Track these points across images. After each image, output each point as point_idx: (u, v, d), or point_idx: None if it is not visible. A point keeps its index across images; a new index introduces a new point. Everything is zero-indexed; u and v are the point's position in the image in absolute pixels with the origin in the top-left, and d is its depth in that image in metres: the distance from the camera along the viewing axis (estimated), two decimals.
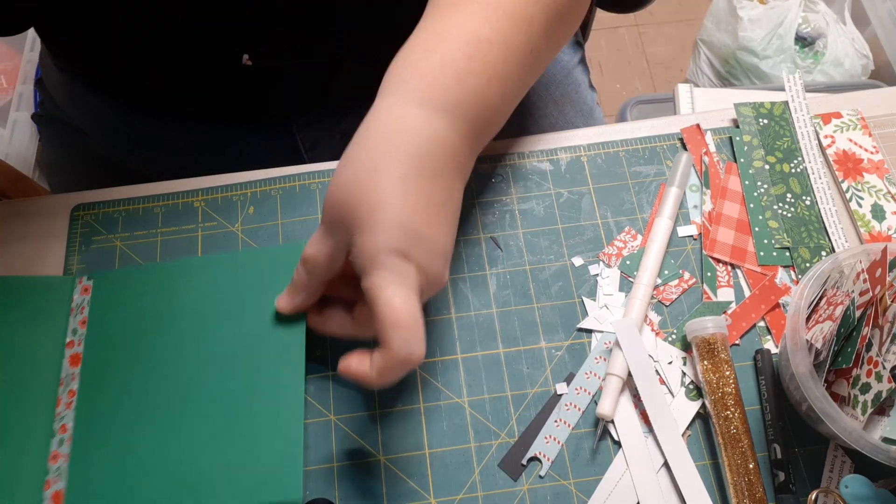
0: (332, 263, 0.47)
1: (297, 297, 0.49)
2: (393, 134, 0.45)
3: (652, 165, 0.61)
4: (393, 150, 0.44)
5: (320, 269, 0.47)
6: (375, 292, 0.42)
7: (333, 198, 0.45)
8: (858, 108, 0.63)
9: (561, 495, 0.49)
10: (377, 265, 0.43)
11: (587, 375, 0.53)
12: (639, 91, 1.76)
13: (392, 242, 0.43)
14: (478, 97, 0.47)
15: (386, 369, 0.42)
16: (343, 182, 0.45)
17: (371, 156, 0.44)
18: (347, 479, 0.50)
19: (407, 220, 0.43)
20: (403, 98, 0.46)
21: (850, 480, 0.45)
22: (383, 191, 0.43)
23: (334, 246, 0.46)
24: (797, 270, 0.56)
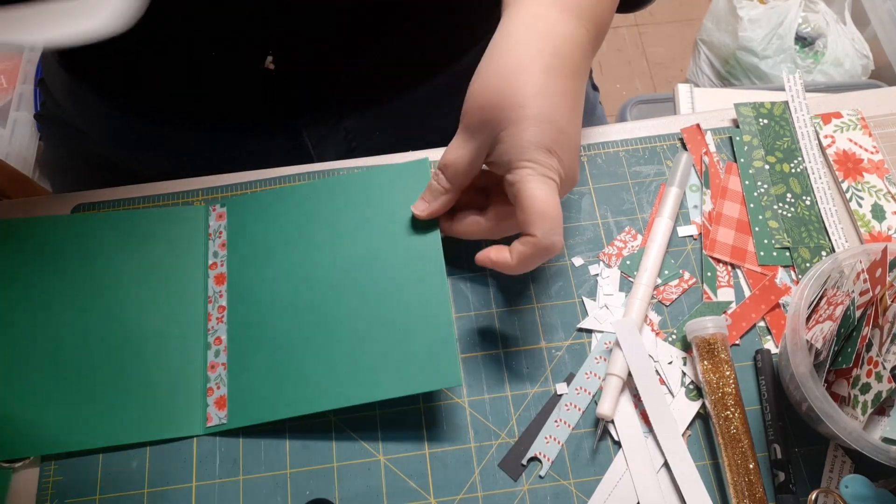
0: (473, 167, 0.49)
1: (434, 202, 0.51)
2: (534, 34, 0.47)
3: (652, 165, 0.61)
4: (535, 49, 0.46)
5: (461, 173, 0.49)
6: (523, 184, 0.45)
7: (477, 100, 0.47)
8: (858, 108, 0.63)
9: (561, 495, 0.49)
10: (525, 159, 0.45)
11: (587, 375, 0.53)
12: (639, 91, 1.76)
13: (540, 137, 0.45)
14: (598, 4, 0.50)
15: (528, 256, 0.46)
16: (487, 83, 0.47)
17: (514, 55, 0.46)
18: (347, 479, 0.50)
19: (552, 116, 0.45)
20: (538, 1, 0.48)
21: (850, 480, 0.45)
22: (530, 87, 0.45)
23: (476, 149, 0.48)
24: (797, 270, 0.56)
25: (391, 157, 0.61)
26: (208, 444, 0.51)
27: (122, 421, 0.51)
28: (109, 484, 0.50)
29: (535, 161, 0.45)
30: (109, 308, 0.54)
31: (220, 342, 0.53)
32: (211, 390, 0.52)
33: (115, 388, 0.52)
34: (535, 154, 0.45)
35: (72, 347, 0.53)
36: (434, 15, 0.63)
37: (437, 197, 0.51)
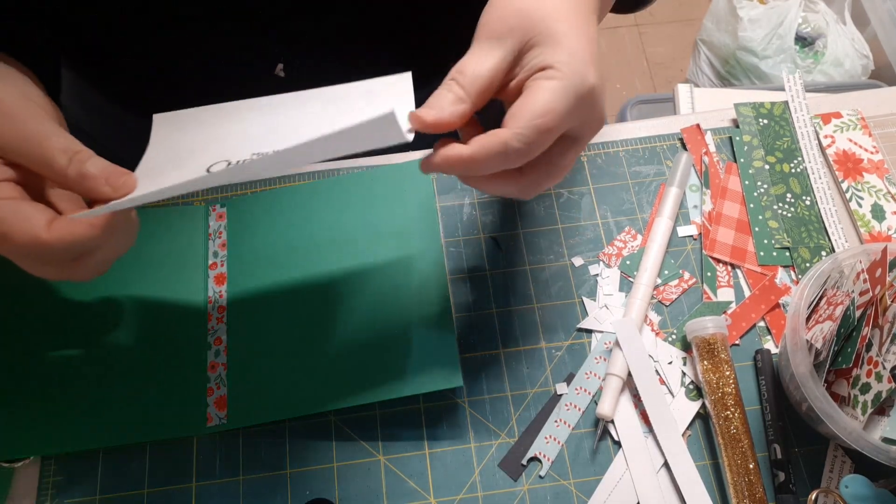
0: (494, 78, 0.40)
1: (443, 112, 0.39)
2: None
3: (652, 165, 0.61)
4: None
5: (481, 80, 0.40)
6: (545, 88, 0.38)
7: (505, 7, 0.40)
8: (858, 108, 0.63)
9: (561, 495, 0.49)
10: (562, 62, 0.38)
11: (587, 375, 0.53)
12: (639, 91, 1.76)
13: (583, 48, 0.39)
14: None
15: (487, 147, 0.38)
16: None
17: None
18: (347, 479, 0.50)
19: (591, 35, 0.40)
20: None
21: (850, 480, 0.45)
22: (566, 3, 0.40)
23: (501, 57, 0.40)
24: (797, 270, 0.56)
25: (392, 157, 0.61)
26: (208, 444, 0.51)
27: (122, 421, 0.51)
28: (109, 484, 0.50)
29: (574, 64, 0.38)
30: (109, 309, 0.54)
31: (220, 342, 0.53)
32: (211, 390, 0.52)
33: (115, 388, 0.52)
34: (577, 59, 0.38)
35: (71, 348, 0.53)
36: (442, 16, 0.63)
37: (446, 107, 0.39)
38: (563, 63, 0.38)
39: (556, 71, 0.38)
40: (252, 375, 0.52)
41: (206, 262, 0.56)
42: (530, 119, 0.37)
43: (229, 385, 0.52)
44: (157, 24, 0.56)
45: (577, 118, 0.40)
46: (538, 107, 0.38)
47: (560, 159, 0.41)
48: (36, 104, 0.44)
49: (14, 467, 0.50)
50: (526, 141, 0.38)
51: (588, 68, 0.39)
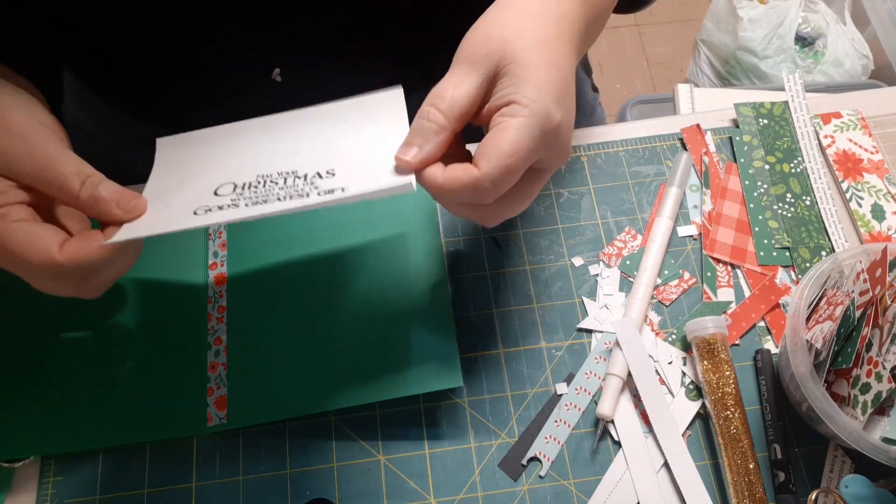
0: (472, 103, 0.42)
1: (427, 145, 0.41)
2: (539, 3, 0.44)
3: (652, 165, 0.61)
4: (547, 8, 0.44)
5: (460, 106, 0.41)
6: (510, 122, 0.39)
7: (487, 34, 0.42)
8: (858, 108, 0.63)
9: (561, 495, 0.49)
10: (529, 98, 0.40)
11: (587, 375, 0.53)
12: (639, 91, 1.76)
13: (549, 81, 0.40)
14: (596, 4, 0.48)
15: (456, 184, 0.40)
16: (500, 21, 0.42)
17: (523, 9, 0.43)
18: (347, 479, 0.50)
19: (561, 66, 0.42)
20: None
21: (850, 480, 0.45)
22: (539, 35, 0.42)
23: (479, 82, 0.41)
24: (797, 270, 0.56)
25: None
26: (208, 444, 0.51)
27: (122, 421, 0.51)
28: (109, 484, 0.50)
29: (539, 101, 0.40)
30: (109, 308, 0.54)
31: (220, 342, 0.53)
32: (211, 390, 0.52)
33: (115, 388, 0.52)
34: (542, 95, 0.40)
35: (71, 348, 0.53)
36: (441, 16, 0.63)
37: (430, 138, 0.41)
38: (530, 99, 0.40)
39: (522, 107, 0.40)
40: (252, 375, 0.52)
41: (206, 262, 0.56)
42: (498, 160, 0.39)
43: (229, 385, 0.52)
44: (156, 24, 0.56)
45: (544, 153, 0.41)
46: (504, 147, 0.39)
47: (526, 190, 0.43)
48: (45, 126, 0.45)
49: (14, 467, 0.50)
50: (494, 181, 0.39)
51: (553, 105, 0.40)
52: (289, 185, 0.44)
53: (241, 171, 0.46)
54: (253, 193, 0.44)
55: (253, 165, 0.46)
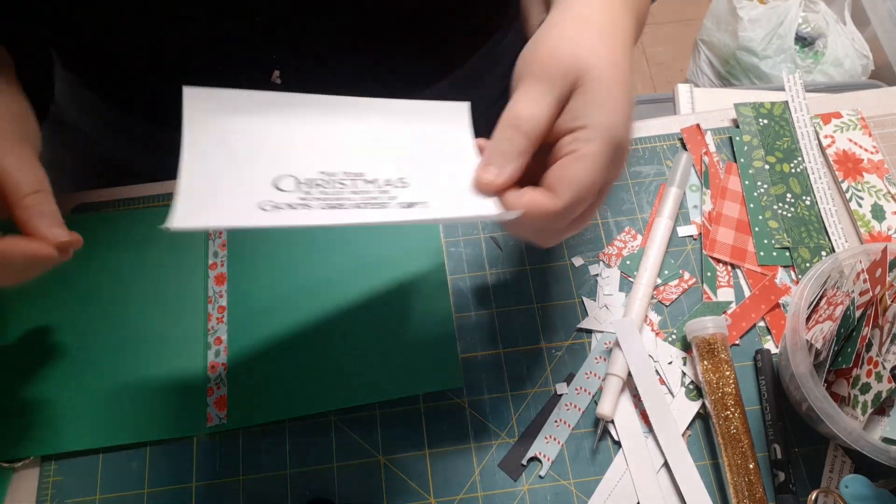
0: (550, 124, 0.41)
1: (509, 166, 0.40)
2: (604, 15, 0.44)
3: (652, 165, 0.61)
4: (613, 25, 0.43)
5: (541, 129, 0.40)
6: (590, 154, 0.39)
7: (562, 50, 0.41)
8: (858, 108, 0.63)
9: (561, 495, 0.49)
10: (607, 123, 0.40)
11: (587, 375, 0.53)
12: (639, 91, 1.76)
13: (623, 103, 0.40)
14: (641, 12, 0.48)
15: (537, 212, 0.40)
16: (569, 37, 0.42)
17: (598, 21, 0.43)
18: (347, 479, 0.50)
19: (630, 88, 0.41)
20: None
21: (850, 480, 0.45)
22: (611, 54, 0.41)
23: (556, 101, 0.41)
24: (797, 270, 0.56)
25: None
26: (208, 444, 0.51)
27: (122, 421, 0.51)
28: (109, 484, 0.50)
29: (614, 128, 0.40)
30: (109, 308, 0.54)
31: (220, 342, 0.53)
32: (211, 390, 0.52)
33: (115, 388, 0.52)
34: (617, 121, 0.40)
35: (71, 348, 0.53)
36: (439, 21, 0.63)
37: (512, 160, 0.40)
38: (604, 127, 0.39)
39: (596, 133, 0.39)
40: (252, 375, 0.52)
41: (206, 262, 0.56)
42: (579, 191, 0.39)
43: (229, 385, 0.52)
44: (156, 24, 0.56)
45: (613, 174, 0.41)
46: (584, 178, 0.39)
47: (590, 211, 0.43)
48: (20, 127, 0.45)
49: (14, 467, 0.50)
50: (574, 209, 0.40)
51: (624, 129, 0.40)
52: (360, 189, 0.41)
53: (300, 163, 0.41)
54: (322, 194, 0.40)
55: (313, 158, 0.42)
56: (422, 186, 0.42)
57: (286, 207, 0.38)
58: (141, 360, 0.53)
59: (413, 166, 0.43)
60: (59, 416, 0.51)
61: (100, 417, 0.51)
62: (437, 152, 0.44)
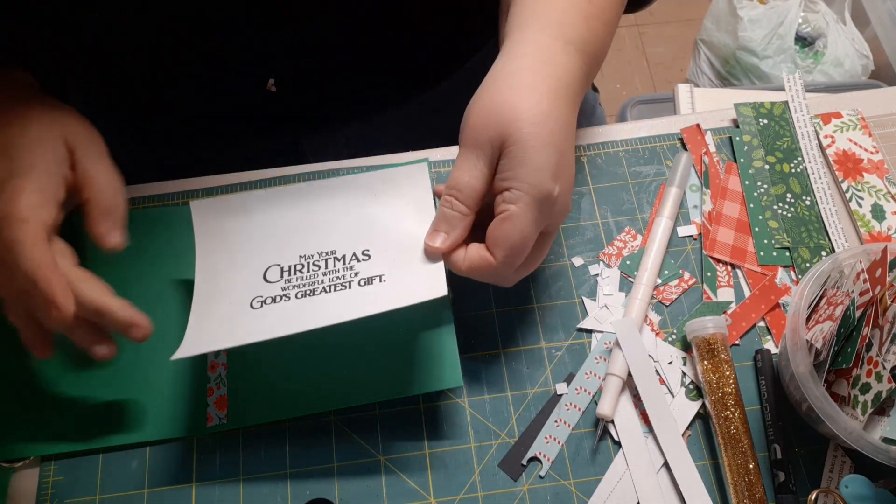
0: (486, 187, 0.46)
1: (454, 231, 0.47)
2: (539, 61, 0.47)
3: (652, 165, 0.61)
4: (542, 74, 0.46)
5: (478, 194, 0.46)
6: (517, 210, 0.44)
7: (484, 117, 0.45)
8: (858, 108, 0.63)
9: (561, 495, 0.49)
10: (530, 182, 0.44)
11: (587, 375, 0.53)
12: (639, 91, 1.76)
13: (546, 160, 0.44)
14: (597, 39, 0.50)
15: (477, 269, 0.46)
16: (494, 101, 0.45)
17: (523, 77, 0.46)
18: (347, 479, 0.50)
19: (558, 141, 0.45)
20: (542, 29, 0.48)
21: (850, 480, 0.45)
22: (538, 108, 0.44)
23: (488, 166, 0.45)
24: (797, 270, 0.56)
25: (390, 157, 0.61)
26: (208, 444, 0.51)
27: (122, 421, 0.51)
28: (109, 484, 0.50)
29: (538, 185, 0.44)
30: None
31: None
32: (211, 390, 0.52)
33: (115, 388, 0.52)
34: (540, 177, 0.44)
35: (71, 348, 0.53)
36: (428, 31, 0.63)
37: (456, 225, 0.47)
38: (529, 185, 0.44)
39: (522, 194, 0.44)
40: (252, 375, 0.52)
41: None
42: (511, 248, 0.44)
43: (229, 385, 0.52)
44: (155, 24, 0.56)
45: (546, 223, 0.46)
46: (514, 236, 0.44)
47: (537, 254, 0.48)
48: None
49: (14, 467, 0.50)
50: (510, 265, 0.45)
51: (551, 181, 0.44)
52: (330, 269, 0.49)
53: (284, 251, 0.51)
54: (300, 280, 0.49)
55: (294, 245, 0.51)
56: (382, 256, 0.49)
57: (270, 301, 0.48)
58: (141, 359, 0.52)
59: (376, 236, 0.50)
60: (58, 416, 0.51)
61: (99, 418, 0.51)
62: (400, 215, 0.51)
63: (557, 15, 0.49)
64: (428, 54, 0.65)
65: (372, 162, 0.61)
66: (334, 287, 0.48)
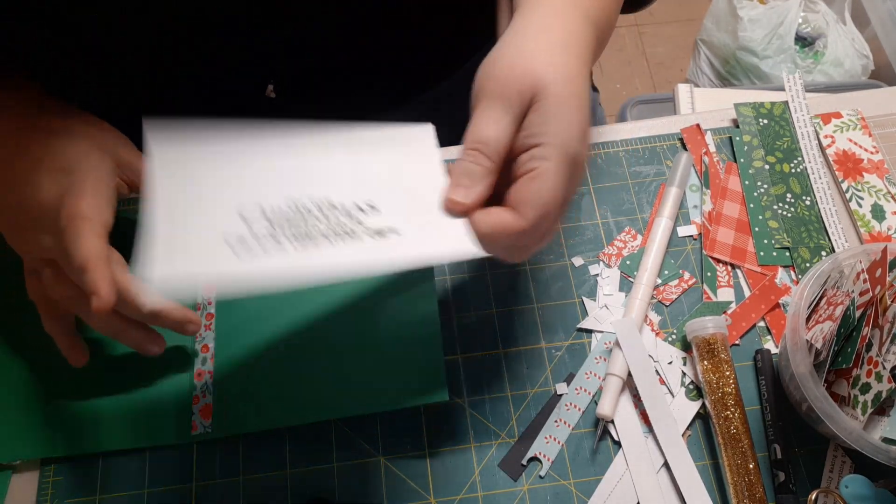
0: (511, 142, 0.42)
1: (477, 185, 0.41)
2: (563, 24, 0.44)
3: (652, 165, 0.61)
4: (570, 36, 0.44)
5: (503, 148, 0.41)
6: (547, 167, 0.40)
7: (516, 67, 0.42)
8: (858, 108, 0.63)
9: (561, 495, 0.49)
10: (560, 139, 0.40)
11: (587, 375, 0.53)
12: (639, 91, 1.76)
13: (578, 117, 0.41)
14: (607, 16, 0.49)
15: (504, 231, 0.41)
16: (524, 52, 0.42)
17: (554, 35, 0.43)
18: (347, 479, 0.50)
19: (585, 101, 0.42)
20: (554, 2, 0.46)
21: (850, 480, 0.45)
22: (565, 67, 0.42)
23: (514, 120, 0.41)
24: (797, 270, 0.56)
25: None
26: (208, 444, 0.51)
27: (108, 427, 0.50)
28: (109, 484, 0.50)
29: (570, 142, 0.40)
30: None
31: (207, 350, 0.53)
32: (197, 398, 0.51)
33: (103, 394, 0.51)
34: (571, 135, 0.40)
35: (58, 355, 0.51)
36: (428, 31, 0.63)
37: (481, 179, 0.41)
38: (560, 141, 0.40)
39: (553, 150, 0.40)
40: (238, 384, 0.52)
41: None
42: (542, 208, 0.40)
43: (215, 394, 0.51)
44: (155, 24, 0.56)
45: (572, 190, 0.42)
46: (545, 195, 0.40)
47: (555, 225, 0.43)
48: None
49: (14, 467, 0.50)
50: (538, 227, 0.40)
51: (579, 144, 0.41)
52: (328, 216, 0.41)
53: (265, 189, 0.41)
54: (290, 226, 0.40)
55: (278, 184, 0.41)
56: (391, 211, 0.42)
57: (251, 240, 0.39)
58: (128, 365, 0.52)
59: (381, 190, 0.43)
60: (51, 420, 0.50)
61: (86, 423, 0.50)
62: (406, 175, 0.44)
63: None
64: (428, 54, 0.65)
65: None
66: (337, 235, 0.40)
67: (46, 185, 0.46)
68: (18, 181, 0.47)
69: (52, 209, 0.46)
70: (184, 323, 0.49)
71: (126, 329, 0.48)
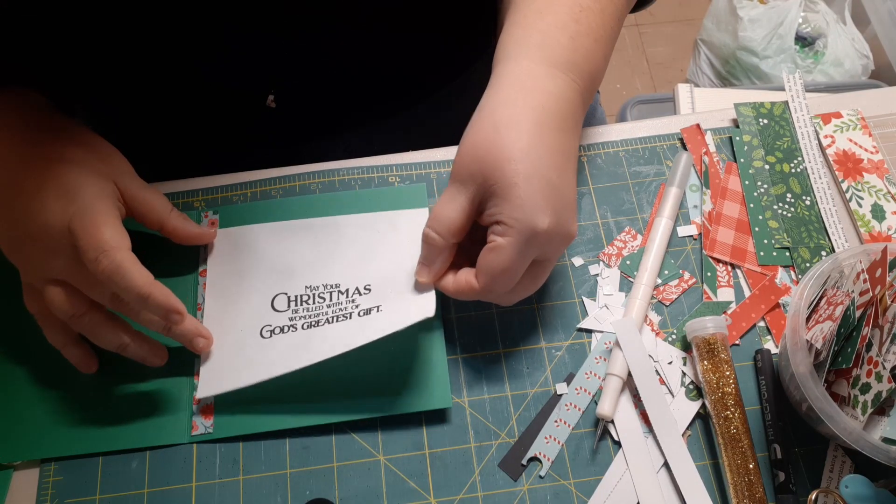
0: (467, 221, 0.48)
1: (435, 263, 0.49)
2: (523, 89, 0.47)
3: (652, 165, 0.61)
4: (523, 104, 0.46)
5: (456, 228, 0.48)
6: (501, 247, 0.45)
7: (468, 153, 0.46)
8: (858, 108, 0.63)
9: (561, 495, 0.49)
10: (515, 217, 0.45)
11: (587, 375, 0.53)
12: (639, 91, 1.76)
13: (531, 194, 0.45)
14: (587, 57, 0.50)
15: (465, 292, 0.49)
16: (478, 137, 0.46)
17: (505, 111, 0.46)
18: (347, 479, 0.50)
19: (543, 172, 0.45)
20: (526, 56, 0.48)
21: (850, 480, 0.45)
22: (521, 142, 0.45)
23: (468, 201, 0.47)
24: (797, 270, 0.56)
25: (389, 158, 0.61)
26: (208, 444, 0.51)
27: (108, 427, 0.50)
28: (109, 484, 0.50)
29: (523, 220, 0.45)
30: None
31: None
32: (197, 398, 0.51)
33: (103, 394, 0.51)
34: (524, 213, 0.44)
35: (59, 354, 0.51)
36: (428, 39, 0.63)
37: (436, 257, 0.49)
38: (514, 220, 0.45)
39: (508, 228, 0.45)
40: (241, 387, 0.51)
41: (197, 268, 0.56)
42: (493, 276, 0.46)
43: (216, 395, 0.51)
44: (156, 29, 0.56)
45: (538, 253, 0.47)
46: (496, 266, 0.46)
47: (533, 279, 0.49)
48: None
49: (14, 467, 0.50)
50: (493, 290, 0.47)
51: (539, 215, 0.45)
52: (334, 301, 0.52)
53: (291, 281, 0.54)
54: (306, 311, 0.52)
55: (301, 276, 0.54)
56: (380, 289, 0.52)
57: (278, 331, 0.51)
58: (128, 365, 0.52)
59: (377, 271, 0.54)
60: (45, 421, 0.50)
61: (86, 423, 0.50)
62: (400, 253, 0.54)
63: (539, 37, 0.48)
64: (427, 64, 0.65)
65: (371, 163, 0.61)
66: (337, 318, 0.51)
67: (51, 206, 0.46)
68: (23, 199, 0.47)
69: (59, 232, 0.46)
70: (194, 338, 0.50)
71: (132, 343, 0.49)
